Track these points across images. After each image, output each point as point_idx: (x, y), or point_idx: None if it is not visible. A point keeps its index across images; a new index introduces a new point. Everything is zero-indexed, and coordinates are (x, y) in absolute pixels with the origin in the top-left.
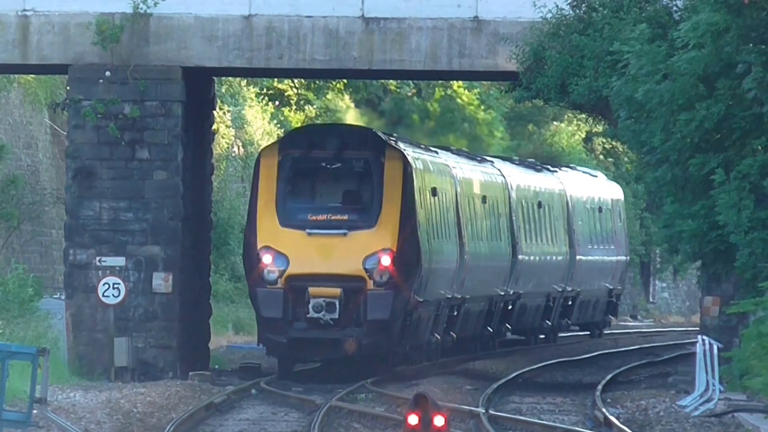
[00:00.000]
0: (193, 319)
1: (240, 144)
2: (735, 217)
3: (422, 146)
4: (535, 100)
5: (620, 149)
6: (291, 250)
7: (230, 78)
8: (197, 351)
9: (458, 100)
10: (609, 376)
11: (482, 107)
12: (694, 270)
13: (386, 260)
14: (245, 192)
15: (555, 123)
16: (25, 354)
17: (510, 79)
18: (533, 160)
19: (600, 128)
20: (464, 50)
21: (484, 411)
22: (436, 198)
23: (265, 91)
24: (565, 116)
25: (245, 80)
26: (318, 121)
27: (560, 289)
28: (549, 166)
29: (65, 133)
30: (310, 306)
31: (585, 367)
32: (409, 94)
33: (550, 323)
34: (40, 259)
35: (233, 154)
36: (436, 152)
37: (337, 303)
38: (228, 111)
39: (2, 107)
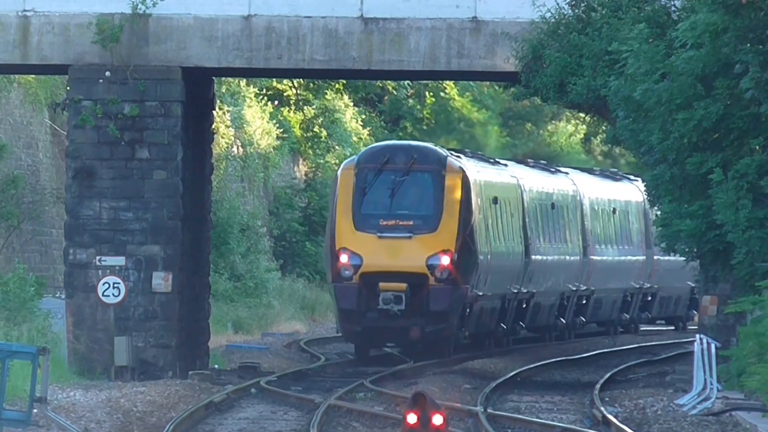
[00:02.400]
0: (192, 319)
1: (239, 144)
2: (733, 216)
3: (491, 160)
4: (534, 98)
5: (617, 151)
6: (364, 250)
7: (230, 78)
8: (197, 350)
9: (451, 104)
10: (607, 375)
11: (476, 108)
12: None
13: (446, 260)
14: (245, 191)
15: (554, 123)
16: (26, 353)
17: (509, 80)
18: (615, 170)
19: (599, 129)
20: (463, 50)
21: (482, 410)
22: (498, 206)
23: (264, 91)
24: (563, 116)
25: (245, 80)
26: (316, 121)
27: (638, 286)
28: (630, 176)
29: (65, 133)
30: (380, 299)
31: (583, 366)
32: (408, 94)
33: (628, 316)
34: (40, 258)
35: (233, 154)
36: (505, 165)
37: (403, 296)
38: (228, 111)
39: (3, 107)
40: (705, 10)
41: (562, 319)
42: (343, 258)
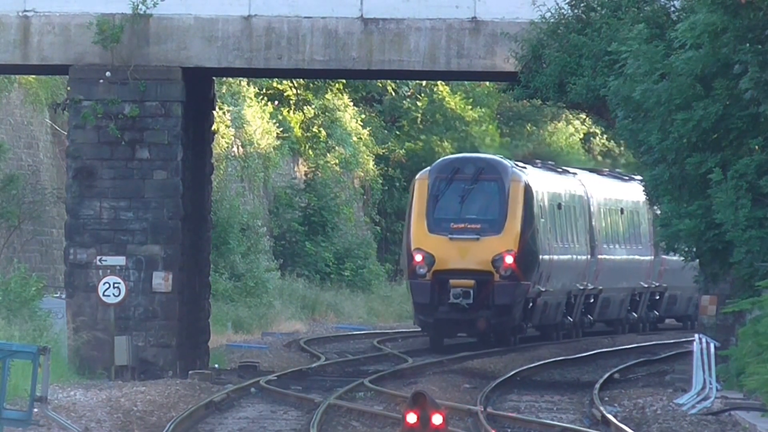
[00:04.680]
0: (192, 318)
1: (239, 144)
2: (732, 216)
3: (559, 169)
4: (533, 99)
5: (616, 151)
6: (437, 250)
7: (230, 78)
8: (197, 350)
9: (445, 103)
10: (606, 375)
11: (470, 106)
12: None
13: (509, 259)
14: (245, 191)
15: (553, 123)
16: (26, 353)
17: (508, 80)
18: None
19: (598, 130)
20: (462, 51)
21: (482, 409)
22: (561, 211)
23: (264, 91)
24: (563, 116)
25: (245, 80)
26: (316, 121)
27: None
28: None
29: (66, 133)
30: (450, 294)
31: (582, 366)
32: (408, 93)
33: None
34: (40, 258)
35: (233, 154)
36: (574, 173)
37: (471, 291)
38: (228, 111)
39: (3, 107)
40: (704, 11)
41: (634, 314)
42: (418, 257)
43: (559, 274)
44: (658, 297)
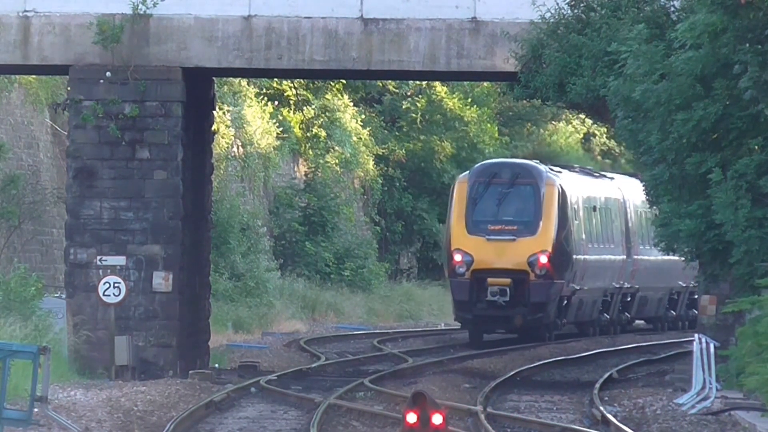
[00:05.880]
0: (193, 318)
1: (239, 144)
2: (732, 216)
3: (596, 174)
4: (533, 99)
5: (617, 151)
6: (475, 251)
7: (230, 78)
8: (197, 349)
9: (443, 104)
10: (606, 375)
11: (467, 106)
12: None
13: (544, 259)
14: (245, 191)
15: (553, 123)
16: (26, 353)
17: (508, 80)
18: None
19: (598, 131)
20: (462, 51)
21: (482, 409)
22: (597, 213)
23: (264, 91)
24: (563, 116)
25: (245, 80)
26: (316, 121)
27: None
28: None
29: (66, 133)
30: (488, 291)
31: (582, 366)
32: (407, 93)
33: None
34: (41, 258)
35: (233, 154)
36: (612, 178)
37: (508, 289)
38: (228, 111)
39: (3, 107)
40: (704, 11)
41: (672, 312)
42: (457, 257)
43: (594, 273)
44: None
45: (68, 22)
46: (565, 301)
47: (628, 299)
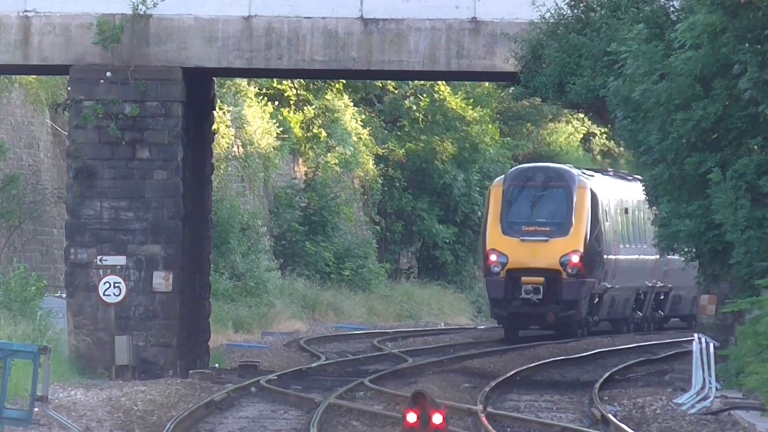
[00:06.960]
0: (193, 318)
1: (240, 144)
2: (731, 216)
3: (629, 177)
4: (533, 98)
5: (616, 151)
6: (510, 251)
7: (230, 78)
8: (197, 349)
9: (446, 103)
10: (606, 374)
11: (470, 106)
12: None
13: (575, 258)
14: (245, 191)
15: (553, 123)
16: (27, 352)
17: (508, 80)
18: None
19: (598, 131)
20: (462, 51)
21: (482, 409)
22: (628, 215)
23: (264, 91)
24: (563, 116)
25: (245, 80)
26: (316, 121)
27: None
28: None
29: (66, 133)
30: (522, 290)
31: (582, 365)
32: (408, 93)
33: None
34: (41, 258)
35: (233, 154)
36: None
37: (541, 288)
38: (228, 111)
39: (4, 108)
40: (703, 11)
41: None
42: (493, 257)
43: (626, 272)
44: None
45: (68, 22)
46: (597, 299)
47: (662, 298)
